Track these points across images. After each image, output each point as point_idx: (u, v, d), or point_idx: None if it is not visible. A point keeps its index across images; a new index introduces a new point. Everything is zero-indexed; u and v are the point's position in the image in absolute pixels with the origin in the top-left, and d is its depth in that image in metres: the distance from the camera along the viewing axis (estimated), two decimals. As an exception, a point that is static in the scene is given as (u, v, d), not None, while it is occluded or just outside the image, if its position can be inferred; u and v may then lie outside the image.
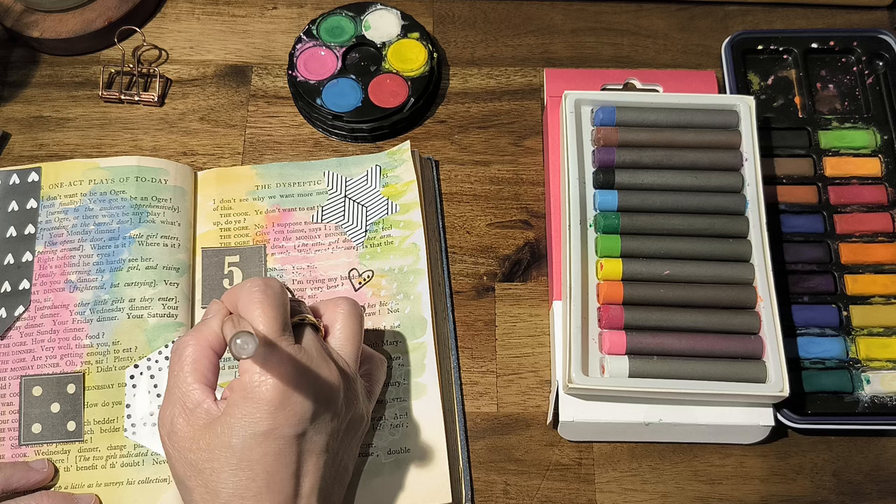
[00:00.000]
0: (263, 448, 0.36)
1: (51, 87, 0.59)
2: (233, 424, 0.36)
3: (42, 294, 0.50)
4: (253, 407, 0.36)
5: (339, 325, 0.42)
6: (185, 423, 0.37)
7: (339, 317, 0.42)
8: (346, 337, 0.42)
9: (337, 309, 0.42)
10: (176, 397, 0.38)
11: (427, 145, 0.57)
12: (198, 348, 0.39)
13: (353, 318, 0.42)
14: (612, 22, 0.61)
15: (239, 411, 0.36)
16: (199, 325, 0.40)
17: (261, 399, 0.36)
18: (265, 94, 0.59)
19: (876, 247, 0.51)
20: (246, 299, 0.38)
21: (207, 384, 0.39)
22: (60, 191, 0.52)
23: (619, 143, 0.51)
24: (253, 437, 0.36)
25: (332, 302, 0.43)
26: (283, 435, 0.36)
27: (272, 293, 0.39)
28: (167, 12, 0.62)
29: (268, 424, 0.36)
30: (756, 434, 0.48)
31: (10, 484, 0.44)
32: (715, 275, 0.48)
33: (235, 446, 0.36)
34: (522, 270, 0.53)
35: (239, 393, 0.37)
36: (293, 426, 0.37)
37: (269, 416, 0.36)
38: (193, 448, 0.37)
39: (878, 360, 0.49)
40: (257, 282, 0.39)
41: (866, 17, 0.61)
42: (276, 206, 0.53)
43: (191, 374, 0.38)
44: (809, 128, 0.55)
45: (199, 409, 0.38)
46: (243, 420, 0.36)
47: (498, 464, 0.48)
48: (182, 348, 0.39)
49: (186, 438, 0.37)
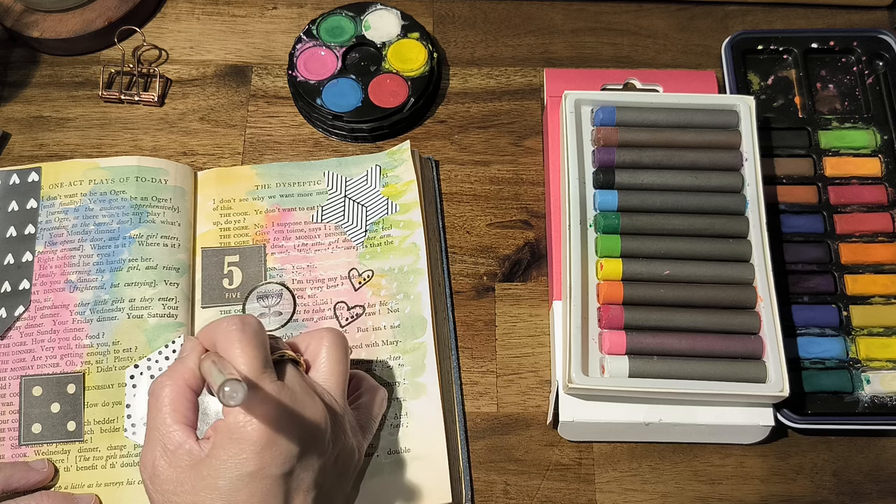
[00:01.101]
0: (251, 489, 0.36)
1: (51, 87, 0.59)
2: (218, 466, 0.36)
3: (42, 294, 0.50)
4: (238, 448, 0.35)
5: (322, 357, 0.41)
6: (168, 466, 0.37)
7: (323, 350, 0.41)
8: (331, 370, 0.41)
9: (321, 342, 0.41)
10: (156, 439, 0.37)
11: (427, 145, 0.57)
12: (175, 388, 0.38)
13: (338, 349, 0.41)
14: (612, 22, 0.61)
15: (224, 453, 0.36)
16: (174, 364, 0.39)
17: (246, 440, 0.35)
18: (265, 94, 0.59)
19: (876, 247, 0.51)
20: (224, 338, 0.38)
21: (188, 424, 0.38)
22: (60, 191, 0.52)
23: (619, 143, 0.51)
24: (240, 479, 0.35)
25: (315, 334, 0.42)
26: (270, 475, 0.36)
27: (251, 331, 0.38)
28: (167, 12, 0.62)
29: (254, 465, 0.35)
30: (756, 434, 0.48)
31: (10, 484, 0.44)
32: (715, 275, 0.48)
33: (222, 488, 0.35)
34: (522, 270, 0.53)
35: (224, 434, 0.36)
36: (280, 465, 0.36)
37: (256, 456, 0.35)
38: (178, 490, 0.36)
39: (878, 360, 0.49)
40: (234, 319, 0.38)
41: (866, 17, 0.61)
42: (276, 206, 0.53)
43: (170, 415, 0.38)
44: (809, 128, 0.55)
45: (181, 450, 0.37)
46: (229, 461, 0.35)
47: (498, 464, 0.48)
48: (159, 389, 0.38)
49: (170, 481, 0.37)
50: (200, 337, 0.40)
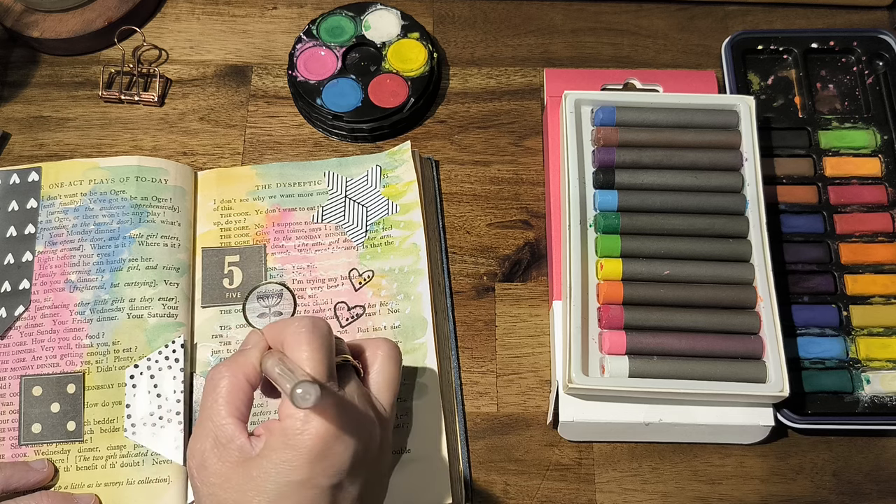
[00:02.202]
0: (298, 497, 0.35)
1: (51, 87, 0.59)
2: (269, 469, 0.35)
3: (42, 294, 0.50)
4: (292, 454, 0.35)
5: (377, 367, 0.40)
6: (217, 459, 0.36)
7: (379, 359, 0.40)
8: (385, 381, 0.40)
9: (377, 350, 0.41)
10: (209, 430, 0.37)
11: (427, 145, 0.57)
12: (234, 381, 0.37)
13: (393, 362, 0.41)
14: (612, 22, 0.61)
15: (277, 456, 0.35)
16: (235, 355, 0.39)
17: (301, 447, 0.35)
18: (265, 94, 0.59)
19: (876, 247, 0.51)
20: (293, 339, 0.37)
21: (241, 418, 0.37)
22: (60, 191, 0.52)
23: (619, 143, 0.51)
24: (288, 486, 0.35)
25: (372, 342, 0.41)
26: (318, 485, 0.35)
27: (320, 334, 0.37)
28: (167, 12, 0.62)
29: (305, 474, 0.35)
30: (756, 434, 0.48)
31: (9, 484, 0.44)
32: (715, 275, 0.48)
33: (269, 491, 0.35)
34: (522, 270, 0.53)
35: (279, 437, 0.35)
36: (330, 477, 0.35)
37: (308, 465, 0.35)
38: (224, 486, 0.36)
39: (878, 360, 0.49)
40: (305, 320, 0.37)
41: (866, 17, 0.61)
42: (276, 206, 0.53)
43: (224, 406, 0.37)
44: (809, 128, 0.55)
45: (232, 444, 0.36)
46: (280, 466, 0.35)
47: (498, 464, 0.48)
48: (218, 379, 0.37)
49: (218, 474, 0.36)
50: (266, 332, 0.39)
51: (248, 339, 0.40)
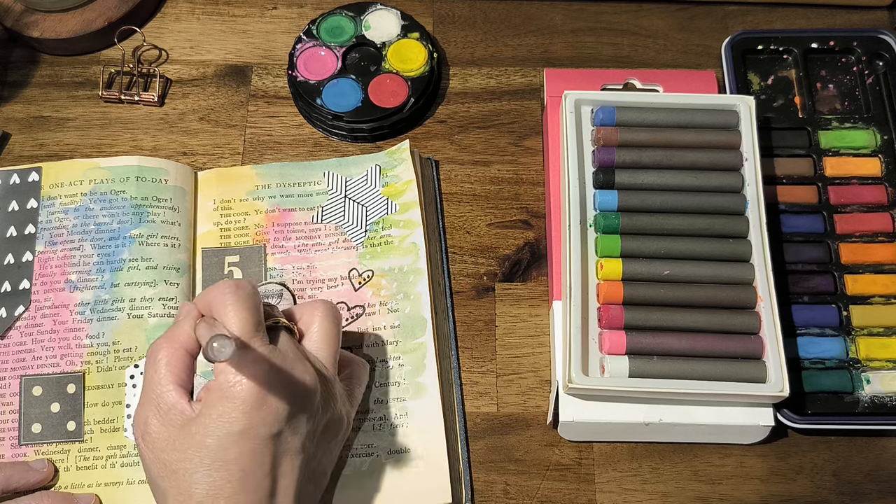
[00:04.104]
0: (239, 447, 0.36)
1: (51, 87, 0.59)
2: (208, 424, 0.36)
3: (42, 294, 0.50)
4: (229, 406, 0.36)
5: (315, 327, 0.42)
6: (160, 425, 0.38)
7: (316, 319, 0.42)
8: (323, 339, 0.41)
9: (314, 312, 0.42)
10: (150, 399, 0.38)
11: (427, 145, 0.57)
12: (171, 351, 0.39)
13: (330, 320, 0.42)
14: (612, 22, 0.61)
15: (214, 411, 0.36)
16: (171, 328, 0.40)
17: (236, 398, 0.36)
18: (265, 94, 0.59)
19: (876, 247, 0.51)
20: (218, 301, 0.39)
21: (182, 385, 0.39)
22: (61, 191, 0.52)
23: (619, 143, 0.51)
24: (228, 437, 0.36)
25: (308, 305, 0.43)
26: (258, 434, 0.36)
27: (244, 294, 0.39)
28: (167, 12, 0.62)
29: (243, 424, 0.36)
30: (756, 434, 0.48)
31: (9, 484, 0.44)
32: (715, 275, 0.48)
33: (210, 446, 0.36)
34: (522, 270, 0.53)
35: (215, 393, 0.37)
36: (269, 425, 0.37)
37: (245, 415, 0.36)
38: (168, 448, 0.37)
39: (878, 360, 0.49)
40: (229, 283, 0.39)
41: (866, 17, 0.61)
42: (276, 206, 0.53)
43: (165, 376, 0.38)
44: (809, 128, 0.55)
45: (174, 410, 0.38)
46: (219, 420, 0.36)
47: (498, 464, 0.48)
48: (156, 351, 0.39)
49: (161, 439, 0.37)
50: (197, 302, 0.41)
51: (180, 311, 0.41)
